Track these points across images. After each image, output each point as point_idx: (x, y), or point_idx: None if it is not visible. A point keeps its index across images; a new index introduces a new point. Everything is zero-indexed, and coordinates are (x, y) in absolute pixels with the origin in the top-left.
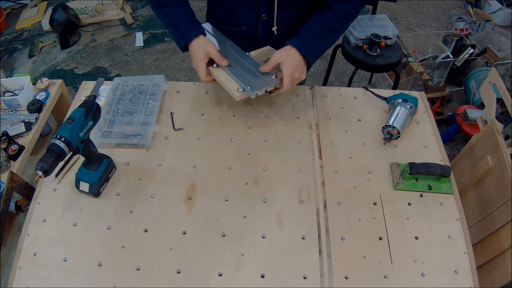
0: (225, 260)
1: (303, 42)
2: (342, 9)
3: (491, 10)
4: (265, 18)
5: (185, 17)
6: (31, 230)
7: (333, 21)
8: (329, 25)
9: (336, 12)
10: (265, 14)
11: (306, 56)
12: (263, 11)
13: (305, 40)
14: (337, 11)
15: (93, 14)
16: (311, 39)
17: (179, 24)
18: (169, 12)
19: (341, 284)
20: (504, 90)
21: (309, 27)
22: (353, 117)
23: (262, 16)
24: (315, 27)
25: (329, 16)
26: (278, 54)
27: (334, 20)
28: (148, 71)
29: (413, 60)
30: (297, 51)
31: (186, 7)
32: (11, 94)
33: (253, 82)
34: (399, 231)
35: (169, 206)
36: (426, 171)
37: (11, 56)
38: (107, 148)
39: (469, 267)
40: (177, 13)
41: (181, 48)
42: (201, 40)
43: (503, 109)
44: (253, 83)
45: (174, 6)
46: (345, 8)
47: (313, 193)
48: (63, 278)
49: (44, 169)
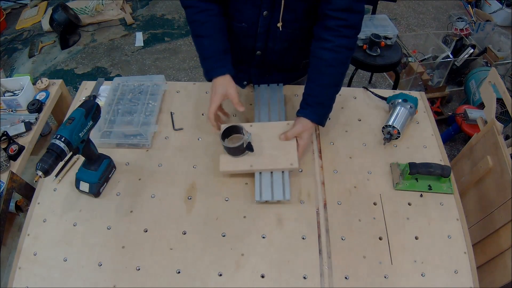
0: (225, 260)
1: (315, 112)
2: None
3: (491, 10)
4: (266, 15)
5: (215, 52)
6: (31, 230)
7: (334, 76)
8: (333, 83)
9: (335, 65)
10: (267, 11)
11: (320, 122)
12: (265, 7)
13: (316, 110)
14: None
15: (93, 14)
16: (320, 106)
17: (207, 59)
18: (202, 44)
19: (341, 284)
20: (504, 90)
21: (313, 93)
22: (353, 117)
23: (264, 13)
24: (320, 91)
25: (329, 72)
26: (298, 130)
27: (335, 74)
28: (148, 71)
29: (413, 60)
30: (311, 122)
31: (219, 41)
32: (11, 94)
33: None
34: (399, 231)
35: (169, 206)
36: (426, 171)
37: (11, 56)
38: (107, 148)
39: (469, 267)
40: (209, 47)
41: (207, 80)
42: (224, 80)
43: (503, 109)
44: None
45: (208, 39)
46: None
47: (313, 193)
48: (63, 278)
49: (44, 169)
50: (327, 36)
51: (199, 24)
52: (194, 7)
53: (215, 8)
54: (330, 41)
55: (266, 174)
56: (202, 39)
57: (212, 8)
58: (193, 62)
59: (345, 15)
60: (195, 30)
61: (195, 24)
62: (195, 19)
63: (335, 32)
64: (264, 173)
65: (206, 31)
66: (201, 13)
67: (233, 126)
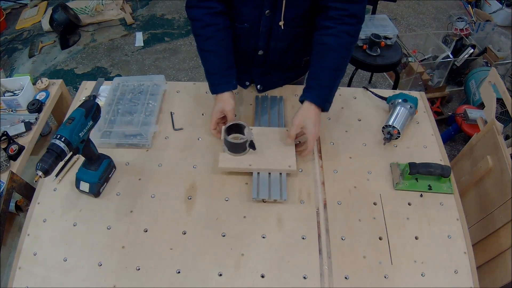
0: (225, 260)
1: (316, 94)
2: (340, 41)
3: (491, 10)
4: (268, 14)
5: (220, 69)
6: (31, 230)
7: (336, 60)
8: (335, 66)
9: (336, 48)
10: (269, 10)
11: (323, 106)
12: (267, 6)
13: (318, 92)
14: (336, 46)
15: (93, 14)
16: (322, 88)
17: (212, 74)
18: (207, 59)
19: (341, 284)
20: (504, 90)
21: (316, 76)
22: (353, 117)
23: (266, 12)
24: (322, 74)
25: (331, 56)
26: (298, 119)
27: (337, 58)
28: (148, 71)
29: (413, 60)
30: (314, 105)
31: (224, 57)
32: (11, 94)
33: None
34: (399, 231)
35: (169, 206)
36: (426, 171)
37: (11, 56)
38: (107, 148)
39: (469, 267)
40: (213, 62)
41: (212, 94)
42: (224, 96)
43: (503, 109)
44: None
45: (213, 55)
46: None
47: (313, 193)
48: (63, 278)
49: (44, 169)
50: (329, 23)
51: (205, 39)
52: (200, 21)
53: (220, 23)
54: (332, 28)
55: (264, 174)
56: (207, 53)
57: (218, 23)
58: (193, 62)
59: (346, 6)
60: (200, 43)
61: (201, 38)
62: (200, 33)
63: (338, 21)
64: (262, 173)
65: (211, 47)
66: (206, 28)
67: (236, 124)
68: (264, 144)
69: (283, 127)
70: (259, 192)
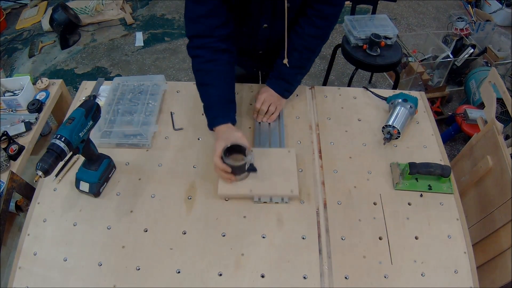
0: (225, 260)
1: (276, 83)
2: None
3: (491, 10)
4: (265, 27)
5: (219, 101)
6: (31, 230)
7: (300, 60)
8: (297, 64)
9: (301, 50)
10: (266, 24)
11: (281, 94)
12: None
13: (278, 81)
14: (301, 48)
15: (93, 14)
16: (283, 80)
17: (211, 107)
18: (206, 93)
19: (341, 284)
20: (504, 90)
21: (278, 69)
22: (353, 117)
23: (263, 26)
24: (284, 69)
25: (295, 56)
26: (262, 95)
27: (301, 59)
28: (148, 71)
29: (413, 60)
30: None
31: (225, 90)
32: (11, 94)
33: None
34: (399, 231)
35: (169, 206)
36: (426, 171)
37: (11, 56)
38: (107, 148)
39: (469, 267)
40: (213, 95)
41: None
42: (222, 128)
43: (503, 109)
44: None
45: (213, 88)
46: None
47: (313, 193)
48: (63, 278)
49: (44, 169)
50: (301, 21)
51: (205, 73)
52: (202, 57)
53: (223, 58)
54: (301, 27)
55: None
56: (207, 87)
57: (219, 58)
58: None
59: (323, 7)
60: (200, 78)
61: (201, 73)
62: (201, 68)
63: (309, 20)
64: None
65: (211, 80)
66: (208, 63)
67: (236, 146)
68: (265, 166)
69: (284, 146)
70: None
